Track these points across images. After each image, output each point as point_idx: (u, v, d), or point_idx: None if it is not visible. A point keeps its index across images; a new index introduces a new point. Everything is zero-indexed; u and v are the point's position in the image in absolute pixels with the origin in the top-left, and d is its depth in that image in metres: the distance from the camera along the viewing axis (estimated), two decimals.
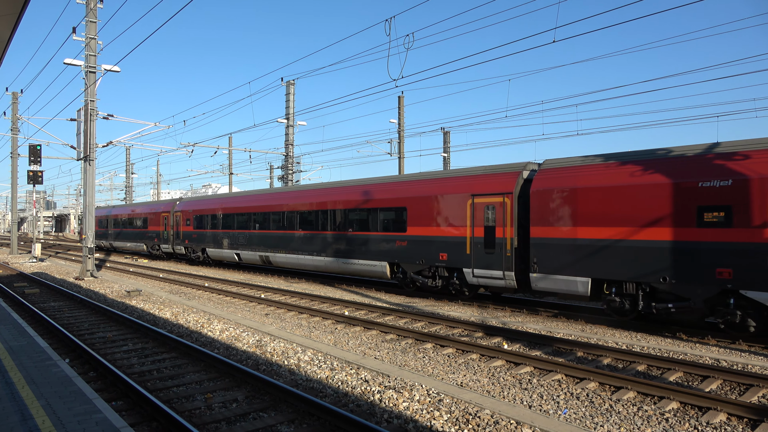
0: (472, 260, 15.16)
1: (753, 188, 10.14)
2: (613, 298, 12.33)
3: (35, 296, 17.93)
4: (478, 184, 15.28)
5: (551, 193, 13.28)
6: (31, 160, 27.83)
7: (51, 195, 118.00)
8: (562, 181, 13.19)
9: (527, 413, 6.80)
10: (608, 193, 12.21)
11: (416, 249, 16.81)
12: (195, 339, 11.27)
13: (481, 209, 14.95)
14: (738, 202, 10.36)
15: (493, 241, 14.64)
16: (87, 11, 22.55)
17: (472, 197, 15.19)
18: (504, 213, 14.41)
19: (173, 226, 31.88)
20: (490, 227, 14.76)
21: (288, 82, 34.11)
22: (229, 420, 6.62)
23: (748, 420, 6.76)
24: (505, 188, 14.47)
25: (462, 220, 15.47)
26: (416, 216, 16.80)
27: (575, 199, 12.78)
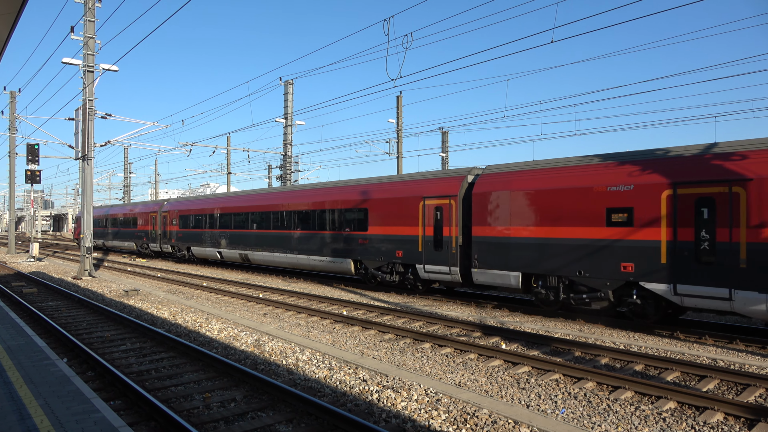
0: (424, 257, 16.58)
1: (649, 192, 11.71)
2: (540, 290, 13.77)
3: (33, 296, 17.90)
4: (428, 188, 16.67)
5: (489, 196, 14.77)
6: (29, 159, 27.80)
7: (49, 194, 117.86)
8: (498, 185, 14.68)
9: (525, 413, 6.82)
10: (534, 196, 13.75)
11: (376, 247, 18.20)
12: (193, 338, 11.27)
13: (431, 210, 16.34)
14: (638, 205, 11.86)
15: (441, 239, 16.04)
16: (85, 10, 22.52)
17: (423, 199, 16.55)
18: (450, 214, 15.78)
19: (161, 226, 33.15)
20: (438, 227, 16.16)
21: (286, 82, 34.09)
22: (227, 419, 6.63)
23: (745, 419, 6.79)
24: (450, 191, 15.87)
25: (415, 220, 16.84)
26: (376, 216, 18.17)
27: (508, 202, 14.29)
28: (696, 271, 11.02)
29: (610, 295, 12.44)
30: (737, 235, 10.53)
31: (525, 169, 14.49)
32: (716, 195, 10.83)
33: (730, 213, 10.65)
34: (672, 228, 11.39)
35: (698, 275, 10.98)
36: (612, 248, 12.26)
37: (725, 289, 10.58)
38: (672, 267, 11.34)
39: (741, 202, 10.54)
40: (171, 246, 32.19)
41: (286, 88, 34.31)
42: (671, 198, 11.43)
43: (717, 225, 10.81)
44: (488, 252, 14.71)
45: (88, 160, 23.30)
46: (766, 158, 10.41)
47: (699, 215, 11.06)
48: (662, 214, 11.55)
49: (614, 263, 12.22)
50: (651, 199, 11.70)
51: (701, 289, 10.91)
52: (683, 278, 11.18)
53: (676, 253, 11.30)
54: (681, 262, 11.23)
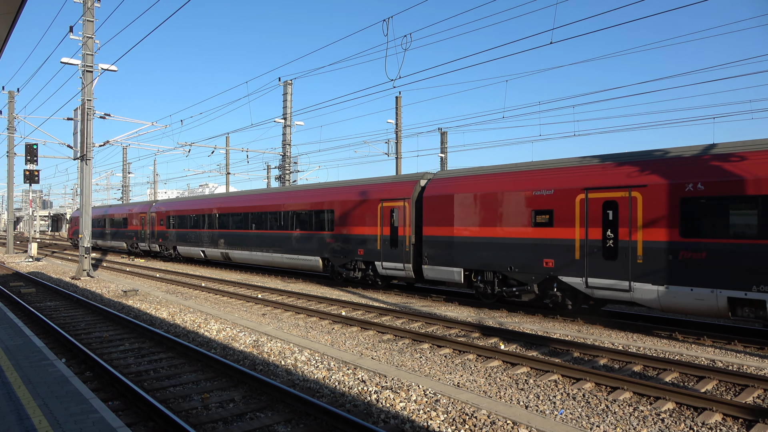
0: (382, 255, 17.98)
1: (566, 197, 13.13)
2: (479, 284, 15.20)
3: (31, 296, 17.88)
4: (386, 191, 18.05)
5: (437, 198, 16.11)
6: (28, 159, 27.76)
7: (47, 194, 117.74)
8: (444, 189, 16.03)
9: (524, 413, 6.82)
10: (474, 199, 15.11)
11: (341, 245, 19.63)
12: (192, 339, 11.26)
13: (388, 212, 17.76)
14: (557, 208, 13.25)
15: (396, 238, 17.46)
16: (84, 10, 22.50)
17: (381, 202, 17.97)
18: (404, 215, 17.21)
19: (150, 226, 34.68)
20: (394, 227, 17.57)
21: (285, 82, 34.08)
22: (226, 420, 6.62)
23: (744, 420, 6.79)
24: (405, 194, 17.24)
25: (374, 221, 18.23)
26: (341, 217, 19.62)
27: (452, 205, 15.66)
28: (603, 265, 12.43)
29: (536, 288, 13.90)
30: (635, 235, 11.93)
31: (467, 175, 15.99)
32: (619, 199, 12.22)
33: (630, 215, 12.03)
34: (584, 228, 12.79)
35: (605, 269, 12.40)
36: (536, 246, 13.72)
37: (626, 281, 12.01)
38: (584, 262, 12.78)
39: (638, 206, 11.90)
40: (159, 245, 33.70)
41: (285, 89, 34.30)
42: (584, 201, 12.81)
43: (619, 225, 12.19)
44: (436, 250, 16.11)
45: (86, 160, 23.27)
46: (658, 167, 11.83)
47: (605, 217, 12.46)
48: (576, 215, 12.95)
49: (538, 260, 13.66)
50: (568, 202, 13.09)
51: (607, 281, 12.36)
52: (593, 272, 12.60)
53: (587, 250, 12.71)
54: (591, 258, 12.65)
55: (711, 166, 11.12)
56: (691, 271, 11.11)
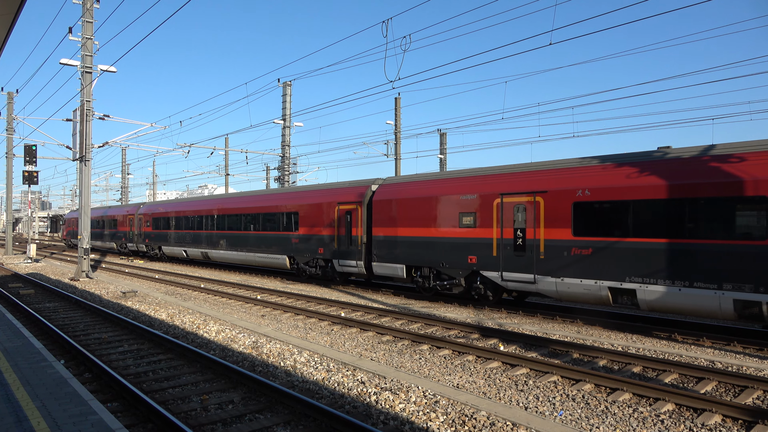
0: (339, 253, 19.68)
1: (486, 200, 14.83)
2: (418, 279, 16.93)
3: (30, 297, 17.85)
4: (342, 195, 19.78)
5: (383, 202, 17.82)
6: (27, 160, 27.73)
7: (46, 195, 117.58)
8: (390, 194, 17.72)
9: (523, 415, 6.81)
10: (413, 202, 16.84)
11: (304, 245, 21.38)
12: (191, 340, 11.24)
13: (344, 214, 19.46)
14: (479, 210, 14.96)
15: (350, 238, 19.09)
16: (83, 11, 22.50)
17: (338, 205, 19.66)
18: (357, 217, 18.81)
19: (137, 227, 36.61)
20: (349, 228, 19.21)
21: (285, 83, 34.08)
22: (225, 421, 6.61)
23: (743, 421, 6.79)
24: (358, 198, 18.93)
25: (332, 222, 19.89)
26: (304, 219, 21.37)
27: (395, 208, 17.40)
28: (514, 261, 14.16)
29: (463, 281, 15.58)
30: (539, 234, 13.62)
31: (409, 181, 17.77)
32: (526, 203, 13.98)
33: (534, 217, 13.75)
34: (500, 228, 14.50)
35: (515, 264, 14.14)
36: (463, 245, 15.40)
37: (531, 275, 13.73)
38: (500, 258, 14.50)
39: (541, 209, 13.61)
40: (145, 245, 35.61)
41: (285, 90, 34.29)
42: (499, 205, 14.51)
43: (527, 226, 13.93)
44: (383, 248, 17.82)
45: (85, 161, 23.26)
46: (558, 175, 13.60)
47: (516, 218, 14.20)
48: (494, 217, 14.64)
49: (464, 256, 15.34)
50: (488, 206, 14.79)
51: (517, 275, 14.11)
52: (507, 267, 14.33)
53: (502, 248, 14.44)
54: (505, 255, 14.38)
55: (595, 175, 12.97)
56: (580, 265, 12.82)
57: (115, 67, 23.26)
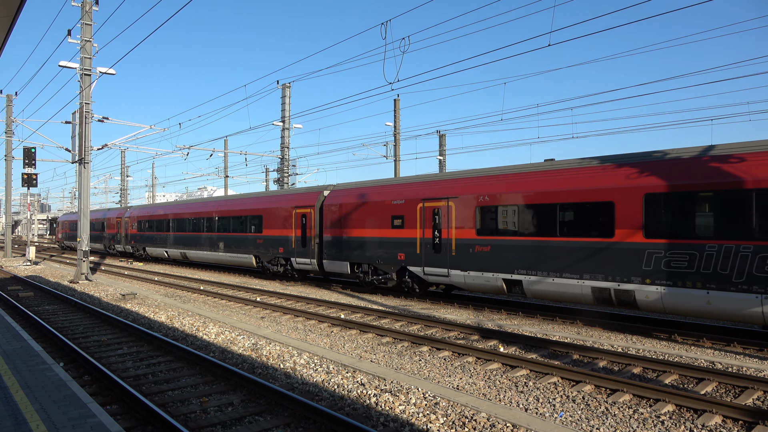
0: (296, 252, 21.66)
1: (411, 205, 16.88)
2: (359, 274, 18.94)
3: (29, 300, 17.83)
4: (298, 200, 21.81)
5: (331, 206, 19.87)
6: (26, 162, 27.71)
7: (45, 198, 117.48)
8: (337, 199, 19.84)
9: (523, 416, 6.80)
10: (354, 207, 18.88)
11: (268, 245, 23.31)
12: (190, 342, 11.22)
13: (299, 216, 21.46)
14: (406, 213, 16.97)
15: (305, 239, 21.12)
16: (82, 14, 22.50)
17: (295, 209, 21.69)
18: (311, 219, 20.86)
19: (124, 230, 38.76)
20: (304, 229, 21.25)
21: (284, 85, 34.07)
22: (224, 424, 6.59)
23: (744, 422, 6.78)
24: (311, 203, 20.97)
25: (290, 224, 21.89)
26: (267, 222, 23.26)
27: (341, 211, 19.43)
28: (433, 257, 16.15)
29: (394, 276, 17.68)
30: (451, 234, 15.57)
31: (353, 187, 19.74)
32: (442, 207, 15.93)
33: (448, 219, 15.71)
34: (422, 229, 16.50)
35: (434, 260, 16.12)
36: (394, 243, 17.42)
37: (445, 269, 15.75)
38: (422, 256, 16.51)
39: (453, 212, 15.54)
40: (131, 247, 37.66)
41: (284, 92, 34.29)
42: (422, 209, 16.49)
43: (442, 227, 15.87)
44: (332, 248, 19.84)
45: (84, 163, 23.24)
46: (468, 183, 15.56)
47: (434, 220, 16.12)
48: (417, 219, 16.63)
49: (395, 254, 17.39)
50: (413, 209, 16.79)
51: (436, 269, 16.13)
52: (427, 263, 16.34)
53: (424, 246, 16.45)
54: (426, 252, 16.36)
55: (493, 183, 14.98)
56: (481, 260, 14.86)
57: (114, 70, 23.26)
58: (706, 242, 10.83)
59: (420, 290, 17.44)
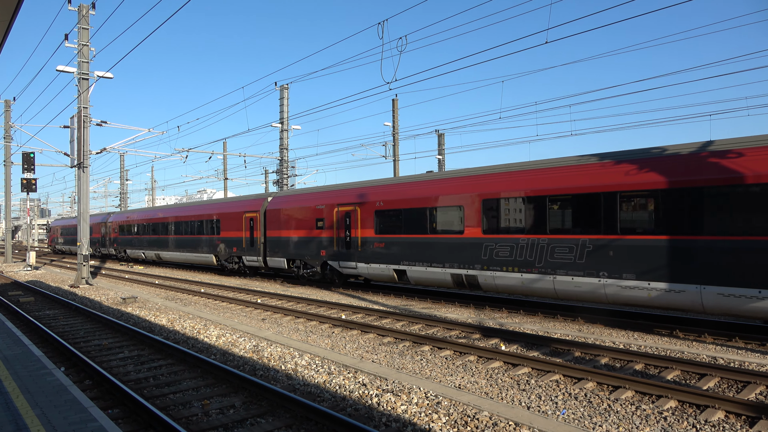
0: (246, 251, 24.86)
1: (329, 209, 20.08)
2: (293, 268, 22.16)
3: (30, 305, 17.81)
4: (247, 206, 25.09)
5: (273, 211, 23.13)
6: (25, 167, 27.69)
7: (45, 203, 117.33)
8: (276, 204, 23.19)
9: (526, 414, 6.79)
10: (289, 211, 22.21)
11: (225, 246, 26.56)
12: (191, 345, 11.21)
13: (248, 220, 24.68)
14: (326, 216, 20.18)
15: (253, 239, 24.34)
16: (79, 18, 22.48)
17: (245, 213, 24.96)
18: (257, 222, 23.99)
19: (108, 233, 42.05)
20: (252, 231, 24.35)
21: (282, 87, 34.05)
22: (226, 426, 6.58)
23: (746, 417, 6.77)
24: (257, 208, 24.27)
25: (241, 227, 25.14)
26: (224, 225, 26.62)
27: (279, 215, 22.69)
28: (346, 253, 19.30)
29: (319, 269, 20.84)
30: (358, 233, 18.83)
31: (289, 194, 23.34)
32: (351, 211, 19.14)
33: (355, 221, 18.92)
34: (338, 229, 19.65)
35: (347, 256, 19.31)
36: (317, 241, 20.66)
37: (354, 263, 18.99)
38: (338, 251, 19.65)
39: (358, 215, 18.82)
40: (114, 249, 40.86)
41: (282, 93, 34.26)
42: (337, 212, 19.71)
43: (352, 227, 19.01)
44: (273, 246, 23.01)
45: (83, 167, 23.22)
46: (369, 191, 18.66)
47: (346, 222, 19.26)
48: (334, 221, 19.76)
49: (319, 251, 20.56)
50: (331, 212, 19.94)
51: (348, 263, 19.30)
52: (342, 258, 19.51)
53: (339, 244, 19.56)
54: (340, 249, 19.51)
55: (385, 191, 18.10)
56: (379, 254, 17.93)
57: (111, 73, 23.25)
58: (519, 237, 13.91)
59: (339, 281, 20.63)
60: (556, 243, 13.07)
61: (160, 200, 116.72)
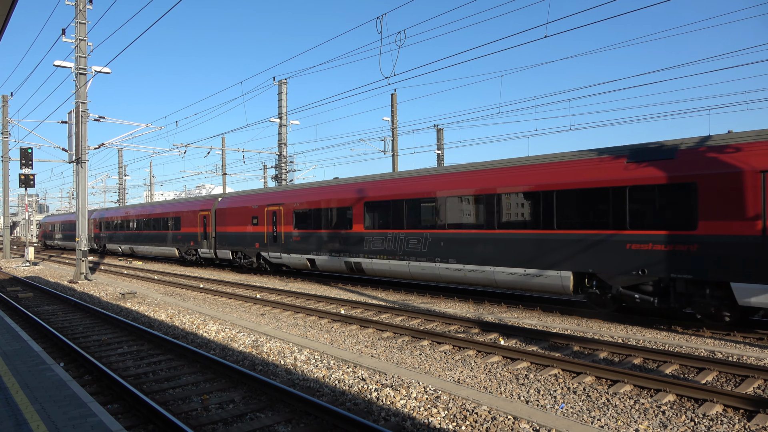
0: (200, 244, 28.87)
1: (261, 209, 23.77)
2: (236, 259, 26.03)
3: (29, 300, 17.80)
4: (202, 205, 28.90)
5: (221, 210, 26.86)
6: (23, 163, 27.61)
7: (43, 198, 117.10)
8: (225, 204, 26.82)
9: (524, 408, 6.80)
10: (233, 210, 25.90)
11: (184, 239, 30.50)
12: (191, 340, 11.22)
13: (202, 218, 28.58)
14: (259, 215, 23.89)
15: (206, 234, 28.29)
16: (76, 12, 22.38)
17: (199, 212, 28.86)
18: (209, 220, 27.90)
19: (90, 230, 45.18)
20: (205, 227, 28.38)
21: (280, 81, 33.95)
22: (225, 421, 6.59)
23: (744, 411, 6.79)
24: (209, 207, 28.07)
25: (197, 224, 29.17)
26: (183, 222, 30.56)
27: (226, 214, 26.44)
28: (273, 245, 23.02)
29: (255, 260, 24.62)
30: (282, 229, 22.50)
31: (234, 195, 27.19)
32: (277, 211, 22.82)
33: (280, 218, 22.65)
34: (267, 226, 23.27)
35: (274, 248, 22.95)
36: (253, 236, 24.26)
37: (280, 253, 22.70)
38: (268, 244, 23.27)
39: (282, 214, 22.43)
40: (96, 244, 44.70)
41: (280, 88, 34.17)
42: (267, 211, 23.31)
43: (277, 224, 22.78)
44: (221, 240, 26.82)
45: (82, 163, 23.17)
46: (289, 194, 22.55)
47: (273, 219, 23.00)
48: (265, 219, 23.40)
49: (254, 243, 24.24)
50: (263, 212, 23.66)
51: (275, 254, 22.88)
52: (270, 250, 23.19)
53: (268, 238, 23.23)
54: (270, 242, 23.19)
55: (301, 194, 21.84)
56: (297, 246, 21.64)
57: (109, 68, 23.16)
58: (387, 231, 17.70)
59: (270, 269, 24.68)
60: (410, 236, 16.96)
61: (158, 195, 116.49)
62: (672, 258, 11.16)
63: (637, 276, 11.73)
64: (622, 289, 12.12)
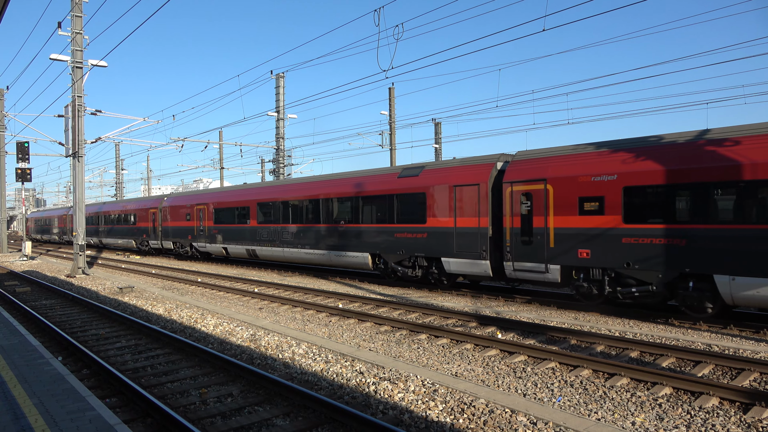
0: (150, 237, 34.01)
1: (191, 207, 29.02)
2: (177, 249, 30.86)
3: (26, 294, 17.78)
4: (151, 203, 33.77)
5: (166, 208, 31.68)
6: (19, 157, 27.52)
7: (40, 192, 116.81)
8: (168, 203, 31.48)
9: (522, 401, 6.83)
10: (175, 209, 30.63)
11: (139, 233, 35.55)
12: (189, 334, 11.22)
13: (152, 214, 33.48)
14: (191, 212, 28.76)
15: (154, 228, 33.20)
16: (72, 5, 22.23)
17: (150, 208, 33.80)
18: (157, 216, 32.75)
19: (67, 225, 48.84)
20: (154, 222, 33.22)
21: (278, 75, 33.84)
22: (224, 414, 6.60)
23: (741, 404, 6.83)
24: (157, 205, 32.92)
25: (149, 219, 33.95)
26: (138, 217, 35.54)
27: (170, 211, 31.16)
28: (201, 237, 28.05)
29: (189, 249, 29.74)
30: (205, 224, 27.40)
31: (177, 195, 31.63)
32: (203, 208, 27.98)
33: (206, 215, 27.61)
34: (196, 220, 28.47)
35: (203, 239, 28.00)
36: (187, 229, 29.45)
37: (205, 244, 27.81)
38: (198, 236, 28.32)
39: (207, 211, 27.41)
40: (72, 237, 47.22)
41: (278, 82, 34.06)
42: (197, 209, 28.30)
43: (204, 220, 27.75)
44: (165, 233, 31.97)
45: (78, 157, 23.09)
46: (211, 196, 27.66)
47: (200, 215, 28.07)
48: (195, 215, 28.55)
49: (187, 235, 29.45)
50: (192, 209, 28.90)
51: (203, 244, 28.12)
52: (200, 240, 28.31)
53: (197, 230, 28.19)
54: (199, 234, 27.85)
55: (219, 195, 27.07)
56: (216, 237, 26.52)
57: (105, 62, 23.05)
58: (270, 225, 22.94)
59: (200, 257, 29.92)
60: (284, 229, 22.15)
61: (156, 190, 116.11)
62: (414, 242, 16.64)
63: (400, 255, 17.14)
64: (393, 264, 17.41)
